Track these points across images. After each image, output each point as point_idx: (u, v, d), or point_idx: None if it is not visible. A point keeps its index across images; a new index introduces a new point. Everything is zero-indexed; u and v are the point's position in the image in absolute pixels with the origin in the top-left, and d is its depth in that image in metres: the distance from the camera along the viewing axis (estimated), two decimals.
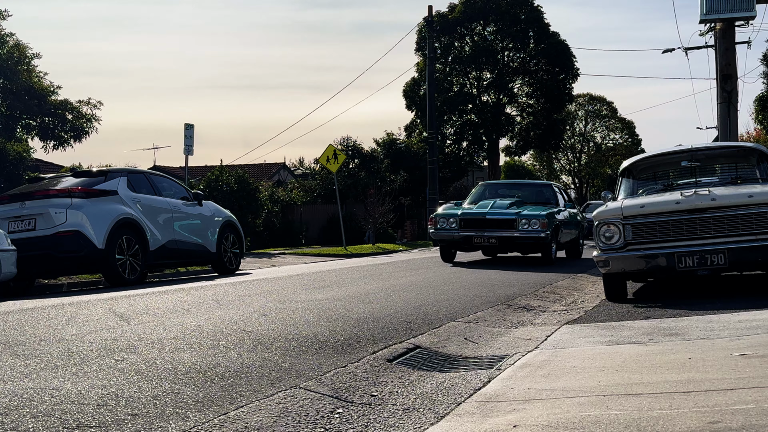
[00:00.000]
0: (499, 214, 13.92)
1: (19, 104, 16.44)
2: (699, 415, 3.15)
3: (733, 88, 22.64)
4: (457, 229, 14.04)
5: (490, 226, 13.87)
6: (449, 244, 14.36)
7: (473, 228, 13.95)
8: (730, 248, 7.32)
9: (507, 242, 13.86)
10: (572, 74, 44.21)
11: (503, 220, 13.81)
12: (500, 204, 14.40)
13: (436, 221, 14.34)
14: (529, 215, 13.74)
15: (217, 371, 4.17)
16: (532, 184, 17.02)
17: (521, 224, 13.65)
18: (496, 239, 13.76)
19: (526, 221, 13.63)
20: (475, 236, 13.83)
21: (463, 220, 14.08)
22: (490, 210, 14.08)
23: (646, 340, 5.31)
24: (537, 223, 13.57)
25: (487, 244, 13.96)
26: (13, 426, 3.10)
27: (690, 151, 9.15)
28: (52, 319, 6.09)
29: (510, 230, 13.71)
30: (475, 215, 14.08)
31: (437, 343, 5.47)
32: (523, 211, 13.93)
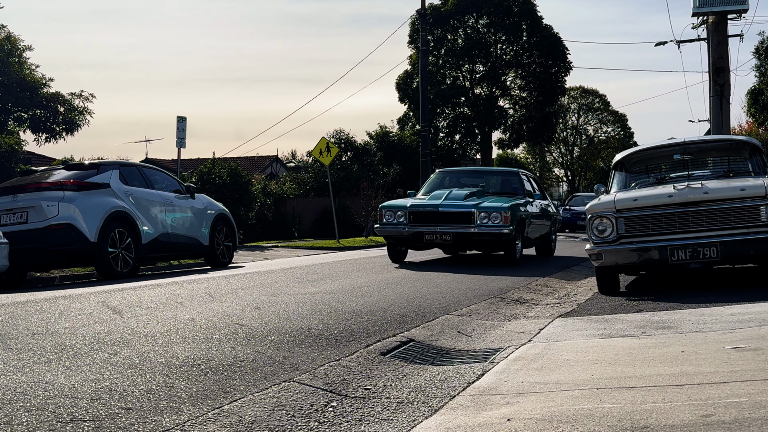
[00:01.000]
0: (454, 206, 11.92)
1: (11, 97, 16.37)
2: (692, 409, 3.16)
3: (725, 81, 22.69)
4: (406, 224, 12.02)
5: (443, 221, 11.88)
6: (397, 241, 12.33)
7: (424, 223, 11.97)
8: (723, 241, 7.34)
9: (463, 239, 11.88)
10: (565, 67, 44.22)
11: (459, 214, 11.82)
12: (456, 195, 12.36)
13: (382, 215, 12.31)
14: (488, 207, 11.76)
15: (210, 365, 4.17)
16: (497, 172, 14.92)
17: (480, 218, 11.65)
18: (450, 236, 11.76)
19: (486, 215, 11.64)
20: (426, 232, 11.86)
21: (413, 213, 12.05)
22: (444, 202, 12.07)
23: (639, 333, 5.33)
24: (498, 216, 11.60)
25: (440, 241, 11.93)
26: (6, 420, 3.09)
27: (682, 145, 9.17)
28: (44, 312, 6.07)
29: (467, 225, 11.72)
30: (425, 208, 12.06)
31: (431, 337, 5.48)
32: (483, 203, 11.97)
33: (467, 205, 11.90)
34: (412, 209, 12.07)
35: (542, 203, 14.33)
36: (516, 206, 12.14)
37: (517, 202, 12.43)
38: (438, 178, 14.18)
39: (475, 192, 12.58)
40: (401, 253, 12.68)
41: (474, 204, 11.91)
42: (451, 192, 12.51)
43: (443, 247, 12.72)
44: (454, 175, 14.22)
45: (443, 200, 12.13)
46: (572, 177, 73.02)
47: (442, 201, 12.09)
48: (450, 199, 12.18)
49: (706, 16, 23.11)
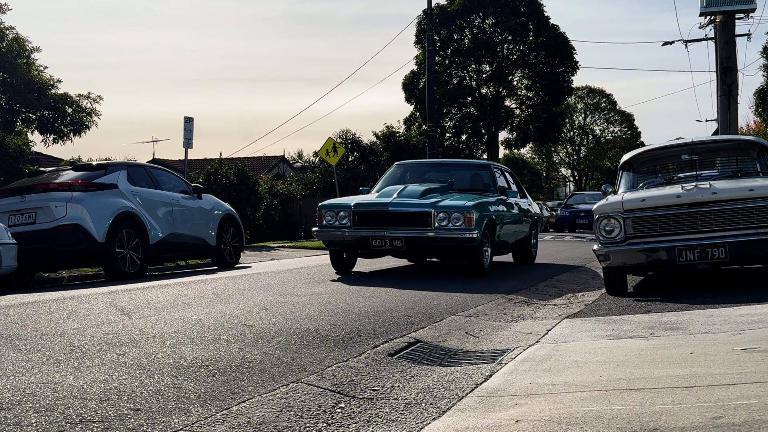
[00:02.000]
0: (408, 205, 9.71)
1: (19, 98, 16.41)
2: (701, 410, 3.15)
3: (733, 80, 22.63)
4: (349, 226, 9.85)
5: (394, 223, 9.68)
6: (342, 247, 10.17)
7: (371, 225, 9.77)
8: (731, 242, 7.32)
9: (418, 245, 9.68)
10: (572, 67, 44.15)
11: (413, 214, 9.62)
12: (411, 191, 10.15)
13: (321, 215, 10.10)
14: (449, 207, 9.57)
15: (218, 366, 4.17)
16: (464, 165, 12.57)
17: (438, 219, 9.47)
18: (401, 241, 9.53)
19: (445, 215, 9.46)
20: (374, 237, 9.63)
21: (358, 214, 9.86)
22: (395, 200, 9.85)
23: (648, 334, 5.31)
24: (460, 217, 9.41)
25: (389, 247, 9.66)
26: (16, 421, 3.10)
27: (690, 145, 9.14)
28: (53, 313, 6.09)
29: (422, 228, 9.53)
30: (372, 207, 9.87)
31: (438, 338, 5.48)
32: (442, 202, 9.78)
33: (423, 204, 9.68)
34: (356, 209, 9.86)
35: (519, 202, 12.18)
36: (483, 205, 10.02)
37: (486, 200, 10.35)
38: (397, 172, 11.91)
39: (436, 188, 10.48)
40: (347, 261, 10.58)
41: (432, 203, 9.70)
42: (406, 188, 10.31)
43: (395, 255, 10.39)
44: (417, 169, 11.97)
45: (395, 198, 9.91)
46: (579, 177, 72.91)
47: (393, 199, 9.87)
48: (404, 196, 9.98)
49: (714, 15, 23.04)
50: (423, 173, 11.75)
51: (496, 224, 10.40)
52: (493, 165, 11.91)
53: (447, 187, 10.73)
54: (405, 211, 9.70)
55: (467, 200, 9.84)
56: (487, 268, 10.09)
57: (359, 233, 9.79)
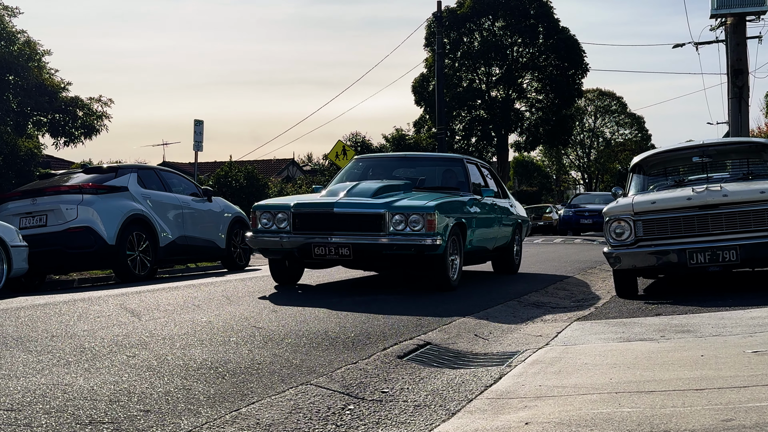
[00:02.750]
0: (357, 205, 8.02)
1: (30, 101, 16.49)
2: (712, 413, 3.13)
3: (744, 83, 22.54)
4: (289, 231, 8.13)
5: (341, 227, 7.96)
6: (283, 256, 8.46)
7: (314, 230, 8.05)
8: (742, 244, 7.29)
9: (369, 254, 7.97)
10: (582, 69, 44.09)
11: (363, 216, 7.93)
12: (363, 189, 8.47)
13: (256, 218, 8.41)
14: (406, 207, 7.88)
15: (228, 367, 4.18)
16: (435, 159, 10.74)
17: (393, 222, 7.81)
18: (349, 249, 7.81)
19: (402, 217, 7.80)
20: (316, 244, 7.90)
21: (298, 216, 8.13)
22: (343, 199, 8.17)
23: (658, 336, 5.29)
24: (420, 220, 7.74)
25: (334, 256, 7.92)
26: (26, 422, 3.12)
27: (701, 147, 9.11)
28: (63, 315, 6.11)
29: (374, 233, 7.84)
30: (315, 208, 8.17)
31: (447, 340, 5.47)
32: (399, 201, 8.07)
33: (375, 204, 7.95)
34: (297, 210, 8.11)
35: (499, 202, 10.46)
36: (450, 205, 8.32)
37: (454, 199, 8.65)
38: (355, 168, 10.14)
39: (397, 186, 8.81)
40: (291, 272, 8.86)
41: (386, 202, 7.96)
42: (358, 185, 8.62)
43: (343, 265, 8.70)
44: (380, 164, 10.21)
45: (342, 197, 8.23)
46: (589, 180, 72.73)
47: (339, 198, 8.20)
48: (354, 195, 8.29)
49: (724, 17, 22.95)
50: (388, 169, 9.99)
51: (466, 228, 8.66)
52: (466, 159, 10.15)
53: (411, 185, 9.07)
54: (353, 212, 7.95)
55: (429, 199, 8.10)
56: (455, 280, 8.36)
57: (300, 239, 8.02)
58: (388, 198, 8.20)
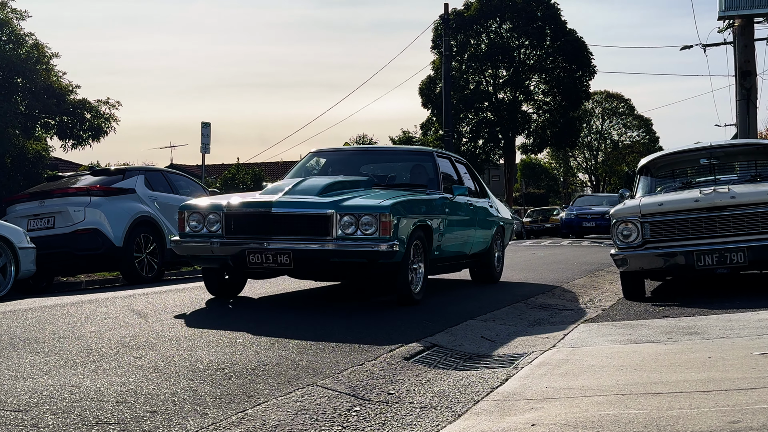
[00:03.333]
0: (299, 204, 6.74)
1: (38, 103, 16.54)
2: (719, 415, 3.12)
3: (752, 84, 22.49)
4: (221, 235, 6.83)
5: (280, 230, 6.66)
6: (221, 265, 7.08)
7: (250, 234, 6.75)
8: (750, 246, 7.27)
9: (312, 262, 6.67)
10: (589, 72, 44.05)
11: (305, 218, 6.66)
12: (309, 185, 7.20)
13: (184, 220, 7.08)
14: (357, 207, 6.64)
15: (234, 369, 4.18)
16: (401, 153, 9.48)
17: (342, 225, 6.57)
18: (289, 256, 6.52)
19: (352, 219, 6.56)
20: (251, 250, 6.62)
21: (232, 217, 6.84)
22: (284, 197, 6.85)
23: (665, 338, 5.28)
24: (372, 222, 6.52)
25: (273, 265, 6.62)
26: (33, 423, 3.13)
27: (709, 149, 9.08)
28: (71, 316, 6.13)
29: (319, 237, 6.56)
30: (250, 208, 6.84)
31: (454, 342, 5.47)
32: (350, 200, 6.82)
33: (321, 204, 6.69)
34: (230, 210, 6.83)
35: (476, 202, 9.14)
36: (410, 205, 7.05)
37: (416, 198, 7.37)
38: (311, 163, 8.92)
39: (352, 182, 7.63)
40: (231, 282, 7.53)
41: (333, 201, 6.72)
42: (304, 181, 7.39)
43: (283, 275, 7.66)
44: (340, 159, 8.90)
45: (284, 194, 6.91)
46: (596, 182, 72.61)
47: (280, 196, 6.88)
48: (297, 192, 6.99)
49: (732, 19, 22.91)
50: (350, 164, 8.61)
51: (432, 232, 7.38)
52: (437, 153, 8.79)
53: (371, 182, 7.86)
54: (294, 213, 6.66)
55: (384, 198, 6.83)
56: (418, 293, 7.08)
57: (232, 245, 6.70)
58: (338, 196, 6.89)
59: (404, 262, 6.80)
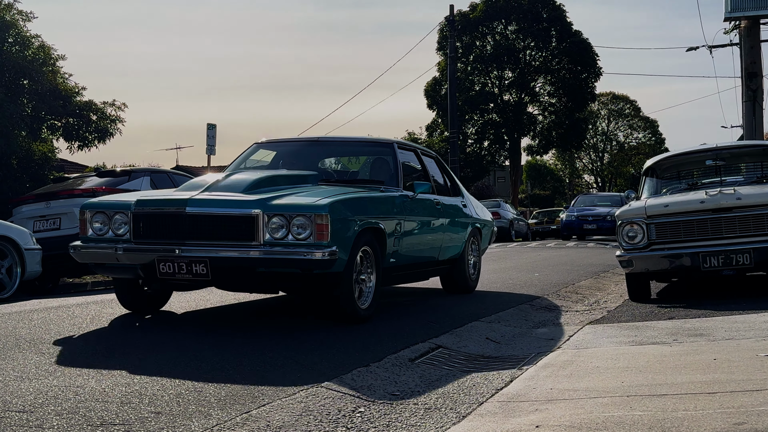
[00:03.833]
0: (218, 203, 5.61)
1: (44, 105, 16.60)
2: (724, 416, 3.11)
3: (758, 86, 22.44)
4: (129, 239, 5.70)
5: (196, 234, 5.53)
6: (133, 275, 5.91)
7: (160, 238, 5.63)
8: (756, 248, 7.25)
9: (233, 272, 5.57)
10: (595, 73, 44.01)
11: (225, 219, 5.53)
12: (236, 181, 6.03)
13: (86, 221, 5.97)
14: (289, 206, 5.51)
15: (239, 369, 4.18)
16: (356, 144, 8.07)
17: (271, 227, 5.43)
18: (206, 266, 5.43)
19: (282, 220, 5.44)
20: (161, 258, 5.51)
21: (142, 218, 5.70)
22: (201, 194, 5.74)
23: (671, 340, 5.27)
24: (306, 225, 5.40)
25: (186, 276, 5.50)
26: (38, 423, 3.13)
27: (715, 150, 9.06)
28: (76, 317, 6.14)
29: (242, 243, 5.46)
30: (162, 206, 5.71)
31: (459, 343, 5.46)
32: (281, 198, 5.68)
33: (244, 202, 5.53)
34: (139, 209, 5.67)
35: (446, 201, 7.96)
36: (356, 204, 5.91)
37: (366, 196, 6.24)
38: (254, 155, 7.80)
39: (289, 176, 6.49)
40: (149, 294, 6.45)
41: (260, 199, 5.55)
42: (231, 175, 6.24)
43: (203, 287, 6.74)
44: (289, 151, 7.64)
45: (203, 191, 5.77)
46: (602, 184, 72.50)
47: (198, 193, 5.72)
48: (220, 188, 5.84)
49: (738, 20, 22.87)
50: (300, 157, 7.44)
51: (386, 236, 6.23)
52: (398, 144, 7.49)
53: (317, 177, 6.72)
54: (212, 213, 5.49)
55: (323, 195, 5.68)
56: (366, 309, 5.95)
57: (141, 252, 5.57)
58: (269, 194, 5.69)
59: (347, 272, 5.63)
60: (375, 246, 6.09)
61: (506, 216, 27.23)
